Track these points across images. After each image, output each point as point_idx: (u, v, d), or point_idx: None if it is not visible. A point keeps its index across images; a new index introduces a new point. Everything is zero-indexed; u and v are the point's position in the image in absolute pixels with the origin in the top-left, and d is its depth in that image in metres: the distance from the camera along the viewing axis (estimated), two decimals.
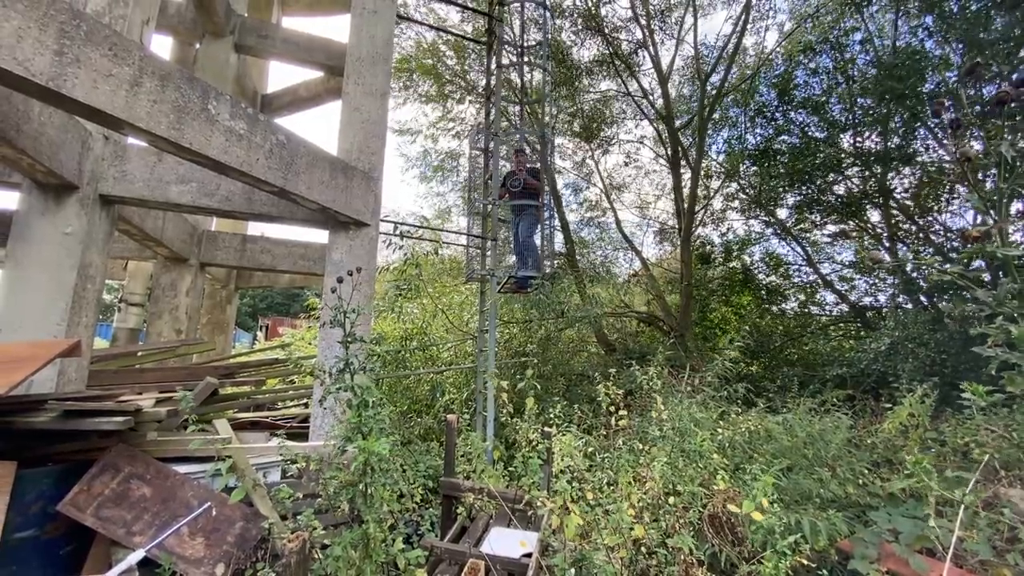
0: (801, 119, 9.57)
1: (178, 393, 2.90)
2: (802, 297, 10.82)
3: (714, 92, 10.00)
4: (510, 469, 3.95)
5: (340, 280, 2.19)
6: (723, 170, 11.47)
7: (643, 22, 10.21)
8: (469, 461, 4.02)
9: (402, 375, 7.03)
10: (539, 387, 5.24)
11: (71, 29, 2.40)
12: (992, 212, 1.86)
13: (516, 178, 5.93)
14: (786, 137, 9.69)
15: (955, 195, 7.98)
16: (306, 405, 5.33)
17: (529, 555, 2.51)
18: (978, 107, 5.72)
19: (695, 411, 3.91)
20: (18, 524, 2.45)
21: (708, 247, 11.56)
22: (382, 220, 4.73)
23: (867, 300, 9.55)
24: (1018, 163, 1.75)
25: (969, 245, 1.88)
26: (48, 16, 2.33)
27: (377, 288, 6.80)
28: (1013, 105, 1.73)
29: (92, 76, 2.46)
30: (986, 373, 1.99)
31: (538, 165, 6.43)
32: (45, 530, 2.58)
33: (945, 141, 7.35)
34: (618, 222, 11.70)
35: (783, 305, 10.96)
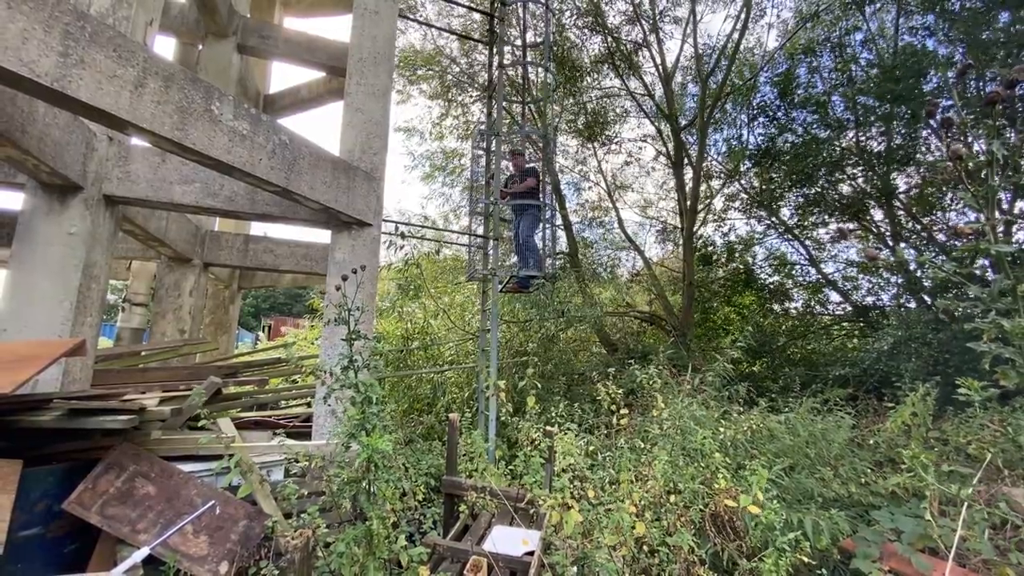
0: (803, 118, 9.56)
1: (182, 392, 2.91)
2: (805, 296, 10.80)
3: (715, 91, 9.99)
4: (511, 468, 3.97)
5: (345, 278, 2.20)
6: (725, 169, 11.46)
7: (646, 21, 10.21)
8: (471, 460, 4.03)
9: (404, 374, 7.04)
10: (540, 387, 5.26)
11: (75, 30, 2.42)
12: (986, 210, 1.87)
13: (514, 178, 5.99)
14: (788, 136, 9.68)
15: (958, 194, 7.96)
16: (308, 404, 5.35)
17: (531, 553, 2.52)
18: (979, 107, 5.70)
19: (695, 410, 3.91)
20: (23, 522, 2.46)
21: (710, 247, 11.55)
22: (384, 220, 4.74)
23: (870, 300, 9.53)
24: (1008, 161, 1.77)
25: (963, 241, 1.90)
26: (53, 18, 2.35)
27: (379, 288, 6.82)
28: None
29: (97, 77, 2.48)
30: (981, 368, 2.01)
31: (535, 165, 6.46)
32: (50, 528, 2.60)
33: (948, 139, 7.32)
34: (620, 221, 11.69)
35: (786, 305, 10.94)
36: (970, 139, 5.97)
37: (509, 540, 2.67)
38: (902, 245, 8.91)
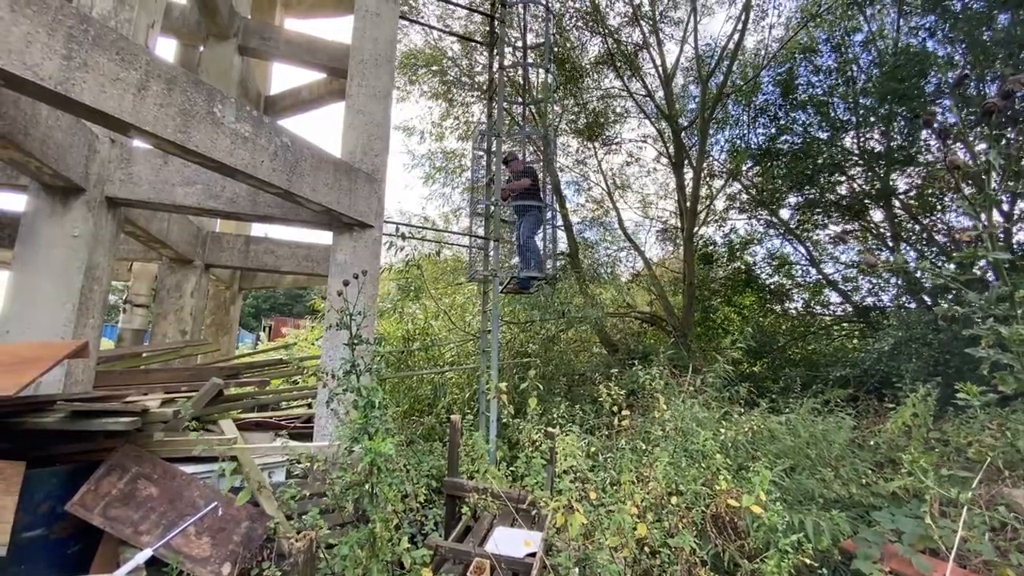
0: (804, 119, 9.57)
1: (184, 394, 2.92)
2: (805, 296, 10.81)
3: (716, 92, 10.00)
4: (512, 469, 3.98)
5: (346, 283, 2.21)
6: (726, 170, 11.47)
7: (646, 23, 10.22)
8: (472, 461, 4.04)
9: (405, 375, 7.05)
10: (541, 388, 5.27)
11: (79, 34, 2.43)
12: (983, 216, 1.88)
13: (511, 181, 6.02)
14: (788, 137, 9.69)
15: (956, 199, 7.97)
16: (310, 406, 5.35)
17: (533, 555, 2.52)
18: (979, 109, 5.71)
19: (697, 411, 3.91)
20: (27, 524, 2.47)
21: (711, 247, 11.56)
22: (385, 221, 4.75)
23: (870, 300, 9.54)
24: (1007, 169, 1.78)
25: (962, 247, 1.90)
26: (56, 21, 2.35)
27: (380, 289, 6.82)
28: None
29: (100, 80, 2.49)
30: (979, 373, 2.02)
31: (533, 165, 6.48)
32: (53, 530, 2.61)
33: (946, 147, 7.34)
34: (621, 222, 11.69)
35: (786, 305, 10.95)
36: (972, 138, 5.97)
37: (511, 541, 2.68)
38: (902, 246, 8.91)
